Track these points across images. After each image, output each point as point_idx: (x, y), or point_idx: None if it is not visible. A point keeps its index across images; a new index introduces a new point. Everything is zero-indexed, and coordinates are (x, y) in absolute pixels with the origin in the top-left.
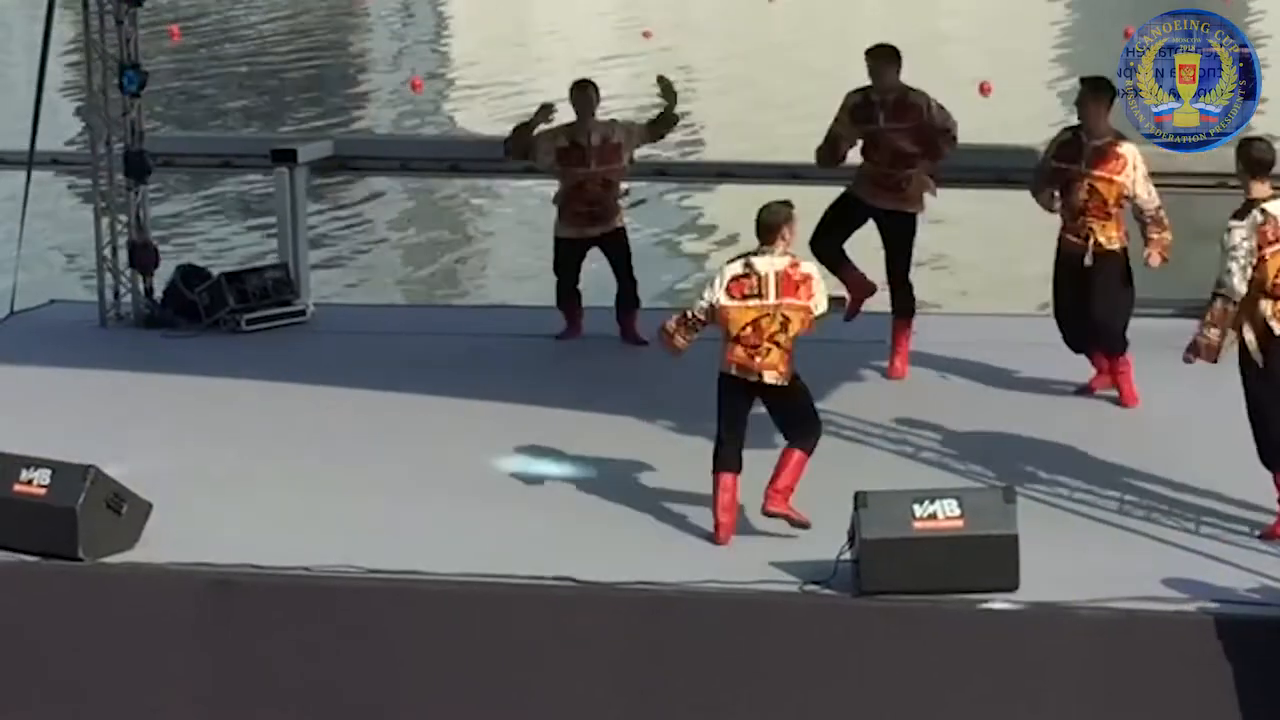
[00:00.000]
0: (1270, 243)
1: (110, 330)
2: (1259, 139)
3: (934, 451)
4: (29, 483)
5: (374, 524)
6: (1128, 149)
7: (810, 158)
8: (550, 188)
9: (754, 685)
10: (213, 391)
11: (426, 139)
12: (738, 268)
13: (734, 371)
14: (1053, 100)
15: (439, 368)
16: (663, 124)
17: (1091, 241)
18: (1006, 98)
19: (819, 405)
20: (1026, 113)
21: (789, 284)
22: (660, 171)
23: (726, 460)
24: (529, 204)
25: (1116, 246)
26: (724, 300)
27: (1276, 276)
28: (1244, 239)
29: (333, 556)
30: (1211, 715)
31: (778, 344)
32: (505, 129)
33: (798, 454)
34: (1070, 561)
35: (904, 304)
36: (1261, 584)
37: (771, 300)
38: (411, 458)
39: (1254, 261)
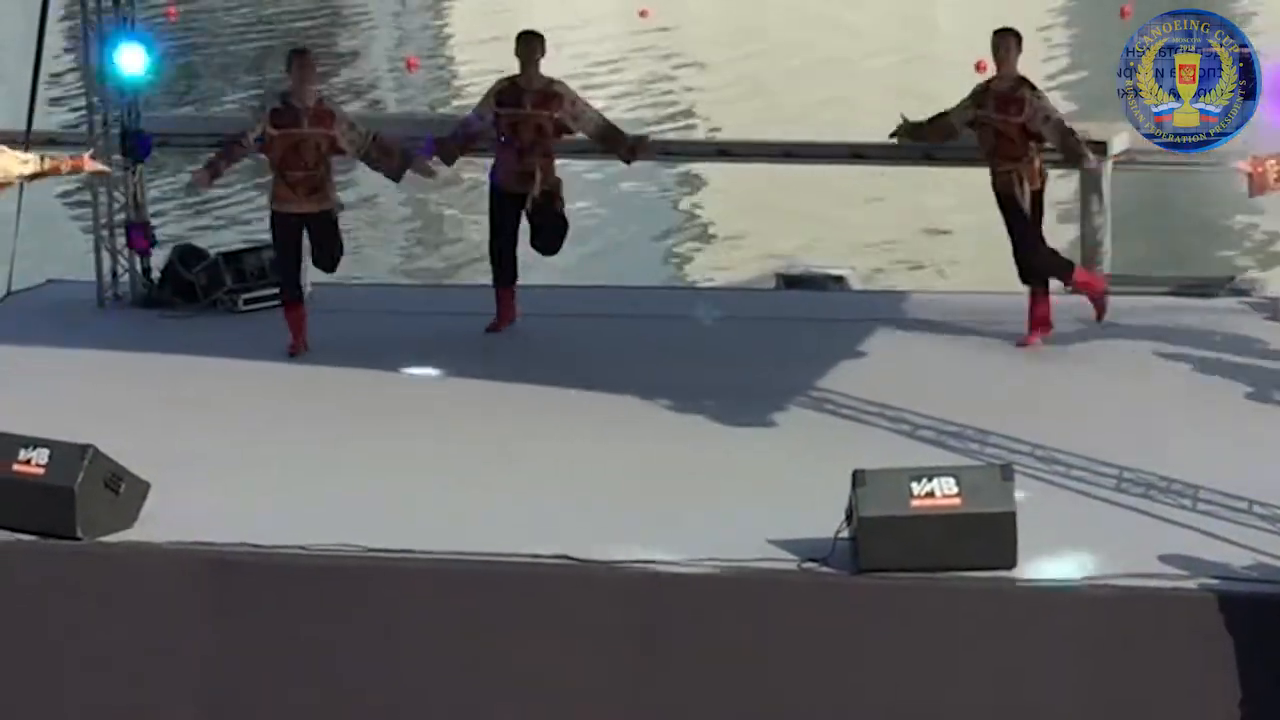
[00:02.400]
0: None
1: (108, 310)
2: None
3: (931, 429)
4: (27, 462)
5: (372, 503)
6: (1027, 92)
7: (806, 135)
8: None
9: (752, 663)
10: (210, 371)
11: (424, 118)
12: None
13: None
14: (1050, 78)
15: (437, 347)
16: (614, 141)
17: (1015, 181)
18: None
19: (817, 383)
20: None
21: None
22: (664, 152)
23: None
24: None
25: (1036, 185)
26: None
27: None
28: None
29: (331, 536)
30: (1209, 692)
31: None
32: None
33: None
34: (1068, 539)
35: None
36: (1259, 561)
37: None
38: (410, 437)
39: None
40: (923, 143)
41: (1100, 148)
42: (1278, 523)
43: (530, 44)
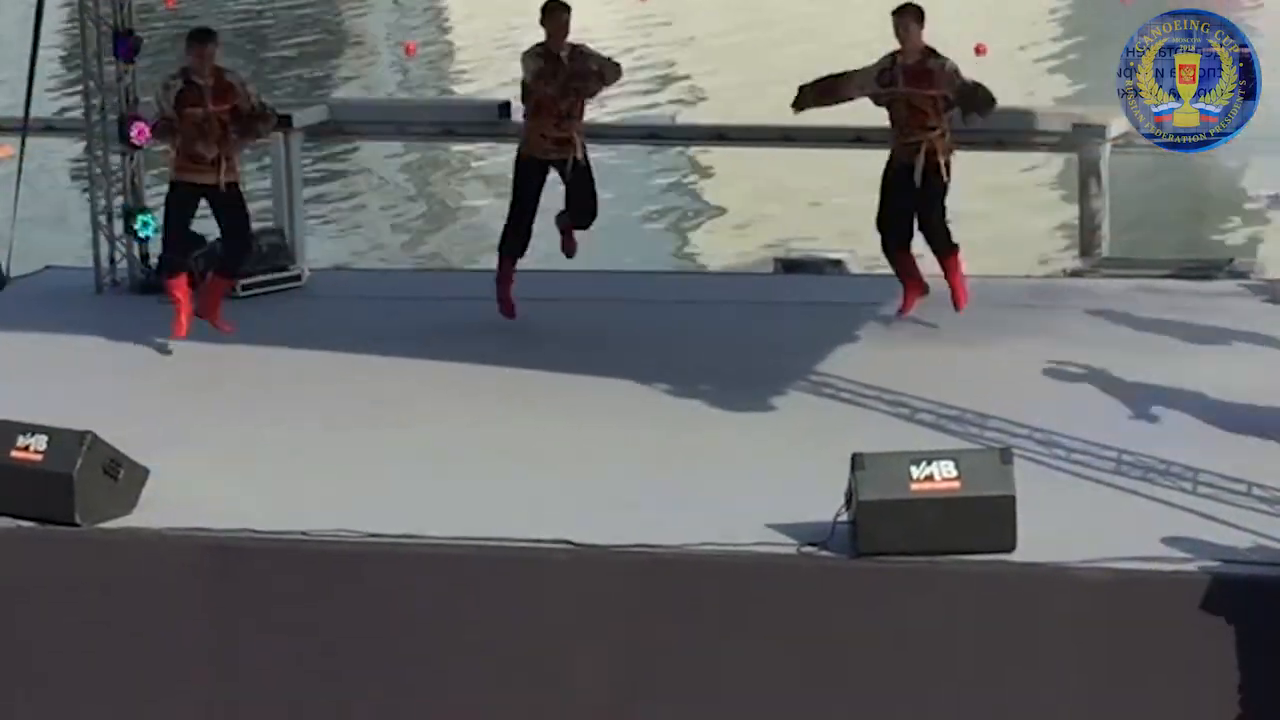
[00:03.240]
0: None
1: (105, 296)
2: None
3: (931, 413)
4: (26, 448)
5: (371, 488)
6: (935, 63)
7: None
8: None
9: (751, 646)
10: (208, 357)
11: (421, 103)
12: None
13: None
14: (1049, 61)
15: (434, 332)
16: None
17: (923, 153)
18: (1002, 59)
19: (815, 367)
20: (1022, 74)
21: None
22: (652, 135)
23: None
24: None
25: (947, 157)
26: None
27: None
28: None
29: (330, 521)
30: (1209, 675)
31: None
32: (500, 94)
33: None
34: (1067, 522)
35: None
36: (1259, 543)
37: None
38: (408, 422)
39: None
40: (823, 106)
41: (1099, 131)
42: (1277, 505)
43: (557, 15)
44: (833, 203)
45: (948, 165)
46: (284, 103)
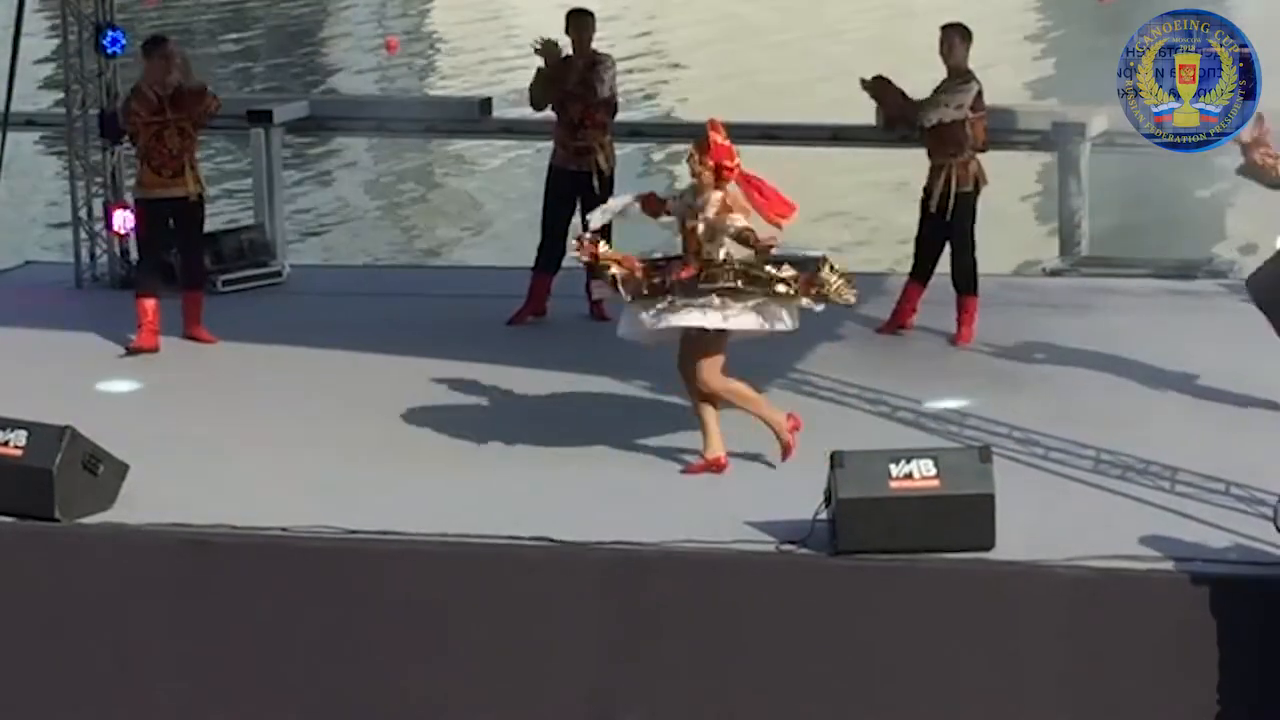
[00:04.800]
0: None
1: (86, 291)
2: None
3: (910, 411)
4: (5, 444)
5: (351, 485)
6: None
7: (792, 117)
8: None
9: (730, 644)
10: (188, 352)
11: (402, 100)
12: None
13: None
14: (1031, 62)
15: (415, 329)
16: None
17: (973, 175)
18: (982, 60)
19: (795, 365)
20: (1002, 75)
21: None
22: (634, 132)
23: None
24: (502, 164)
25: (970, 187)
26: None
27: None
28: None
29: (310, 517)
30: (1187, 673)
31: None
32: (480, 91)
33: None
34: (1046, 520)
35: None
36: (1236, 542)
37: None
38: (388, 419)
39: None
40: (894, 122)
41: (1079, 129)
42: (1254, 504)
43: (581, 22)
44: (814, 201)
45: (968, 195)
46: (264, 98)
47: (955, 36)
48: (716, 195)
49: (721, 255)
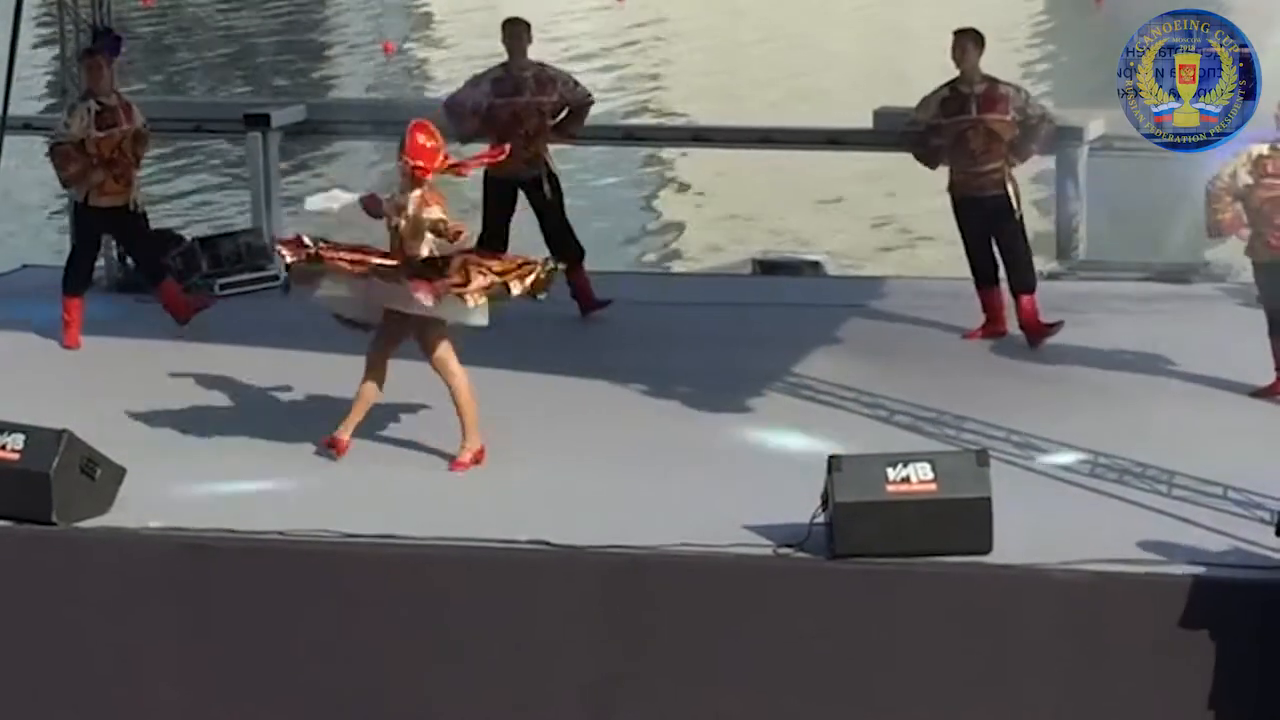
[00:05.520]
0: None
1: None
2: None
3: (907, 415)
4: (2, 447)
5: (349, 488)
6: (1005, 88)
7: (784, 119)
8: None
9: (727, 648)
10: (186, 356)
11: (400, 102)
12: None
13: None
14: (1028, 69)
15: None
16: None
17: (1004, 180)
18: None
19: (792, 368)
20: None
21: None
22: (629, 135)
23: None
24: None
25: (1012, 188)
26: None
27: None
28: None
29: (308, 521)
30: (1185, 678)
31: None
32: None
33: None
34: (1043, 524)
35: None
36: (1233, 546)
37: None
38: (385, 422)
39: None
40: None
41: (1076, 134)
42: (1252, 508)
43: (516, 30)
44: (812, 204)
45: (1017, 195)
46: (261, 102)
47: (968, 42)
48: (416, 193)
49: (425, 253)
